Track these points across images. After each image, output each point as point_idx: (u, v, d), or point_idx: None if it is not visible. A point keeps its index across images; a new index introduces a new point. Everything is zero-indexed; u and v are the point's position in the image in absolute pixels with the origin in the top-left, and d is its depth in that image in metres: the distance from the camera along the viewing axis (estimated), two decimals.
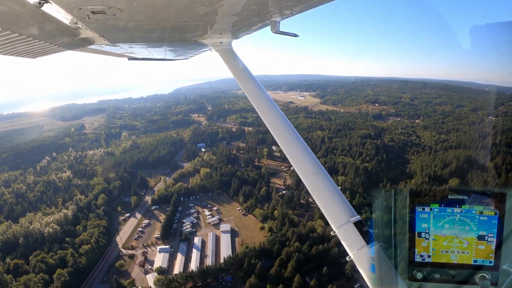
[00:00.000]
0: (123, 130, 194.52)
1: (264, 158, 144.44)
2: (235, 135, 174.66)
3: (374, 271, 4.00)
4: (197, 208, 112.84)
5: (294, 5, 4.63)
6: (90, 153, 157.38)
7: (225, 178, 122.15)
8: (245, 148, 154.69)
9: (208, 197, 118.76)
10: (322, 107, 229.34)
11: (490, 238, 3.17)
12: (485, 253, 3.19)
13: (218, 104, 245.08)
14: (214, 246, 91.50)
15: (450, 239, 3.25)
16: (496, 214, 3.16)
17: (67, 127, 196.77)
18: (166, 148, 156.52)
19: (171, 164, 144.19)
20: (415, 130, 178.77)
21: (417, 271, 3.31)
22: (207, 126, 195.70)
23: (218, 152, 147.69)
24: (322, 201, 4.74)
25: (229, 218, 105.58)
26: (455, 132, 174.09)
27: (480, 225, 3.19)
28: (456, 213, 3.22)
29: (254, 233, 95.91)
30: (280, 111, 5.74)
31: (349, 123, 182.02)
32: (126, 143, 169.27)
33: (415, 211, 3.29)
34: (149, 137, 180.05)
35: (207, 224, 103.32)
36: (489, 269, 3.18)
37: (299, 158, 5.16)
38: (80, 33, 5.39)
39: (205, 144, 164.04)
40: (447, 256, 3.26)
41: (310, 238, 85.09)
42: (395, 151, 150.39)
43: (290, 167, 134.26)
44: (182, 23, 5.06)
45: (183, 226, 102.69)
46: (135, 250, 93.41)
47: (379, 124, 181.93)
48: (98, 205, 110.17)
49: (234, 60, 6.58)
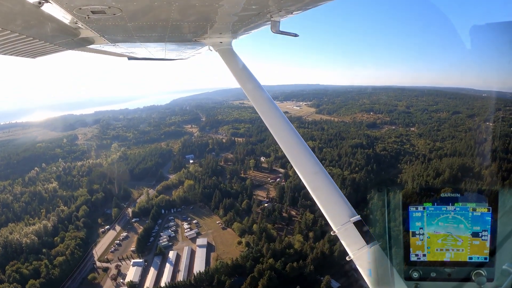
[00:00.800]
0: (115, 141, 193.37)
1: (250, 170, 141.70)
2: (225, 146, 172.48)
3: (374, 270, 3.95)
4: (176, 221, 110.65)
5: (294, 5, 4.65)
6: (78, 164, 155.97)
7: (207, 191, 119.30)
8: (233, 159, 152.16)
9: (189, 210, 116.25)
10: (317, 117, 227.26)
11: (484, 235, 3.22)
12: (480, 250, 3.24)
13: (212, 115, 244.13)
14: (188, 261, 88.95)
15: (444, 237, 3.27)
16: (489, 211, 3.21)
17: (59, 138, 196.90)
18: (153, 159, 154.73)
19: (157, 176, 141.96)
20: (409, 139, 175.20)
21: (413, 270, 3.33)
22: (198, 137, 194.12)
23: (205, 163, 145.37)
24: (322, 201, 4.70)
25: (207, 232, 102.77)
26: (451, 139, 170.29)
27: (473, 222, 3.23)
28: (450, 211, 3.26)
29: (231, 248, 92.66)
30: (280, 111, 5.70)
31: (341, 132, 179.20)
32: (115, 155, 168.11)
33: (409, 210, 3.32)
34: (140, 148, 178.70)
35: (184, 238, 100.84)
36: (485, 265, 3.22)
37: (299, 158, 5.16)
38: (80, 33, 5.37)
39: (194, 156, 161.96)
40: (442, 254, 3.28)
41: (286, 254, 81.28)
42: (387, 160, 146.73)
43: (276, 179, 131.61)
44: (182, 23, 5.07)
45: (160, 239, 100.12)
46: (110, 263, 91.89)
47: (373, 133, 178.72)
48: (79, 216, 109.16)
49: (234, 60, 6.52)
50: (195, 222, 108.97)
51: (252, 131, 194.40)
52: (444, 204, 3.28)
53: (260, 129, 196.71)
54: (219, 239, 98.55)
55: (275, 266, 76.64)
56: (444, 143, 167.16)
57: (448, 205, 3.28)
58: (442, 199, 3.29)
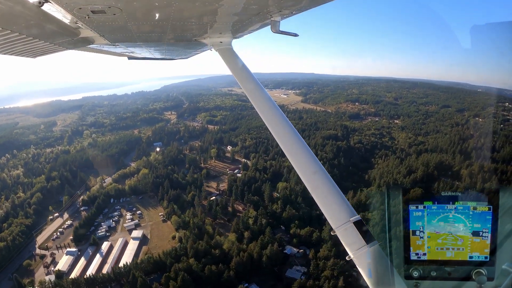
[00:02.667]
0: (92, 128, 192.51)
1: (212, 159, 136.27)
2: (195, 134, 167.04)
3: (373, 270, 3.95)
4: (122, 211, 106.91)
5: (294, 5, 4.62)
6: (47, 151, 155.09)
7: (159, 180, 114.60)
8: (197, 148, 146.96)
9: (138, 200, 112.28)
10: (301, 105, 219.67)
11: (484, 234, 3.19)
12: (480, 249, 3.22)
13: (195, 102, 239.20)
14: (118, 254, 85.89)
15: (445, 236, 3.25)
16: (489, 210, 3.19)
17: (38, 124, 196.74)
18: (119, 147, 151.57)
19: (118, 163, 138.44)
20: (390, 131, 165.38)
21: (414, 269, 3.32)
22: (173, 125, 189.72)
23: (166, 152, 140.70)
24: (322, 200, 4.68)
25: (147, 224, 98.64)
26: (435, 134, 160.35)
27: (474, 221, 3.21)
28: (450, 210, 3.24)
29: (164, 242, 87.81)
30: (280, 111, 5.67)
31: (318, 122, 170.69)
32: (85, 141, 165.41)
33: (409, 209, 3.30)
34: (114, 135, 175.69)
35: (123, 229, 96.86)
36: (485, 264, 3.20)
37: (298, 158, 5.13)
38: (80, 32, 5.34)
39: (162, 143, 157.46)
40: (442, 253, 3.27)
41: (210, 255, 74.88)
42: (361, 154, 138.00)
43: (234, 170, 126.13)
44: (182, 22, 5.05)
45: (99, 229, 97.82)
46: (48, 251, 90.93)
47: (352, 124, 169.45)
48: (31, 203, 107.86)
49: (234, 59, 6.55)
50: (139, 213, 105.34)
51: (227, 119, 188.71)
52: (444, 203, 3.21)
53: (237, 117, 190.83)
54: (156, 232, 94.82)
55: (192, 267, 70.68)
56: (427, 137, 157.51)
57: (449, 204, 3.21)
58: (442, 198, 3.22)
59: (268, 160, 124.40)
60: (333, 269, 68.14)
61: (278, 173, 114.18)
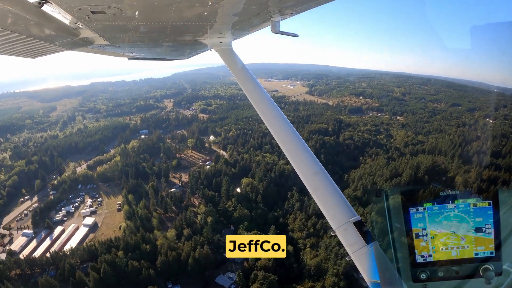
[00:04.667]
0: (89, 113, 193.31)
1: (189, 150, 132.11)
2: (184, 123, 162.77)
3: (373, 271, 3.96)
4: (85, 198, 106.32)
5: (294, 5, 4.63)
6: (38, 136, 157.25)
7: (127, 169, 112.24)
8: (178, 137, 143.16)
9: (104, 187, 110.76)
10: (305, 97, 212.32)
11: (487, 229, 3.20)
12: (485, 245, 3.23)
13: (197, 90, 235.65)
14: (66, 239, 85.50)
15: (448, 236, 3.26)
16: (490, 205, 3.19)
17: (37, 109, 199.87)
18: (104, 133, 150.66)
19: (98, 150, 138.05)
20: (388, 128, 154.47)
21: (421, 272, 3.31)
22: (167, 112, 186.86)
23: (146, 140, 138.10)
24: (322, 201, 4.68)
25: (103, 212, 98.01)
26: (437, 133, 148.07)
27: (476, 217, 3.22)
28: (451, 209, 3.24)
29: (111, 231, 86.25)
30: (280, 111, 5.70)
31: (312, 115, 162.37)
32: (76, 127, 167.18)
33: (409, 212, 3.29)
34: (106, 121, 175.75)
35: (80, 215, 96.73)
36: (491, 259, 3.21)
37: (299, 158, 5.13)
38: (80, 33, 5.37)
39: (148, 131, 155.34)
40: (448, 253, 3.27)
41: (139, 250, 72.35)
42: (349, 151, 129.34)
43: (206, 162, 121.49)
44: (182, 23, 5.05)
45: (58, 214, 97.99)
46: (9, 231, 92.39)
47: (348, 119, 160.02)
48: (6, 185, 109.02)
49: (234, 60, 6.59)
50: (100, 200, 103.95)
51: (221, 109, 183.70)
52: (444, 202, 3.23)
53: (231, 107, 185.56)
54: (108, 220, 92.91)
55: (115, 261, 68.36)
56: (428, 137, 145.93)
57: (449, 203, 3.22)
58: (442, 197, 3.24)
59: (241, 153, 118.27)
60: (262, 283, 61.95)
61: (248, 167, 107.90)
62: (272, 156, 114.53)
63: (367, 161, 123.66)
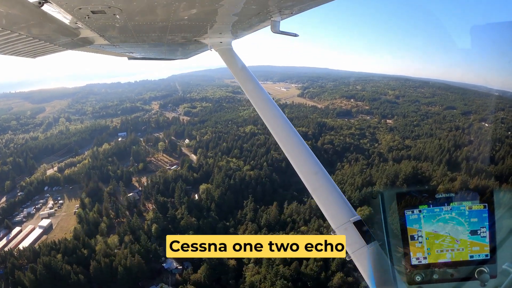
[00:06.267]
0: (75, 115, 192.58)
1: (160, 153, 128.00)
2: (163, 125, 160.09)
3: (373, 270, 3.96)
4: (48, 200, 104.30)
5: (294, 5, 4.61)
6: (20, 137, 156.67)
7: (92, 171, 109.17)
8: (152, 140, 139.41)
9: (68, 190, 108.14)
10: (296, 99, 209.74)
11: (482, 232, 3.19)
12: (480, 247, 3.21)
13: (188, 92, 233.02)
14: (20, 239, 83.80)
15: (443, 238, 3.25)
16: (485, 208, 3.19)
17: (25, 110, 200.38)
18: (82, 136, 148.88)
19: (72, 152, 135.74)
20: (375, 132, 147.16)
21: (416, 274, 3.29)
22: (150, 115, 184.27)
23: (119, 143, 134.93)
24: (322, 201, 4.66)
25: (61, 214, 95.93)
26: (427, 137, 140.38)
27: (471, 220, 3.20)
28: (446, 211, 3.23)
29: (62, 234, 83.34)
30: (280, 111, 5.65)
31: (296, 118, 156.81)
32: (58, 129, 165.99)
33: (405, 214, 3.28)
34: (89, 123, 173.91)
35: (39, 217, 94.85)
36: (486, 262, 3.20)
37: (299, 158, 5.08)
38: (80, 33, 5.33)
39: (126, 134, 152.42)
40: (443, 255, 3.26)
41: (76, 254, 69.87)
42: (327, 157, 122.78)
43: (172, 166, 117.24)
44: (182, 23, 5.02)
45: (19, 214, 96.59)
46: None
47: (333, 122, 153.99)
48: None
49: (234, 60, 6.55)
50: (61, 202, 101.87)
51: (204, 111, 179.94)
52: (440, 205, 3.21)
53: (215, 110, 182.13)
54: (63, 223, 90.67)
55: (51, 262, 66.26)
56: (416, 141, 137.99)
57: (444, 206, 3.21)
58: (437, 200, 3.22)
59: (209, 157, 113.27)
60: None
61: (211, 172, 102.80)
62: (238, 161, 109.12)
63: (345, 167, 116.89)
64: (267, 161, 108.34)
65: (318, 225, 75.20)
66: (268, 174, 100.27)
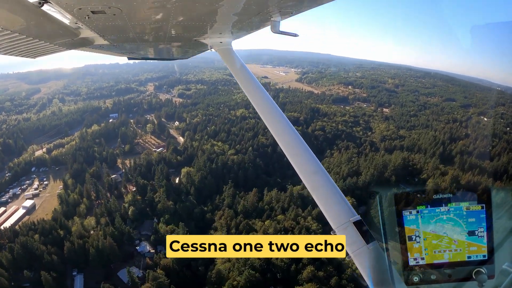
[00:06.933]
0: (70, 96, 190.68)
1: (148, 135, 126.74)
2: (156, 107, 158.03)
3: (373, 270, 3.93)
4: (34, 180, 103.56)
5: (294, 5, 4.60)
6: (13, 118, 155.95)
7: (79, 153, 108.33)
8: (142, 121, 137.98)
9: (54, 170, 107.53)
10: (294, 84, 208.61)
11: (480, 233, 3.19)
12: (477, 248, 3.21)
13: (185, 74, 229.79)
14: (3, 219, 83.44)
15: (441, 239, 3.25)
16: (483, 208, 3.18)
17: (21, 91, 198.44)
18: (73, 117, 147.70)
19: (62, 133, 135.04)
20: (369, 120, 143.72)
21: (413, 274, 3.29)
22: (145, 96, 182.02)
23: (109, 124, 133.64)
24: (322, 200, 4.63)
25: (45, 195, 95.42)
26: (423, 128, 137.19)
27: (468, 221, 3.20)
28: (444, 212, 3.23)
29: (44, 214, 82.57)
30: (280, 111, 5.66)
31: (289, 103, 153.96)
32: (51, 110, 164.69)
33: (402, 215, 3.28)
34: (84, 104, 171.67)
35: (24, 197, 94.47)
36: (484, 263, 3.19)
37: (299, 158, 5.07)
38: (80, 33, 5.32)
39: (118, 115, 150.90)
40: (440, 256, 3.25)
41: (51, 235, 69.41)
42: (316, 143, 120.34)
43: (158, 148, 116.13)
44: (182, 23, 5.02)
45: (5, 195, 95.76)
46: None
47: (327, 108, 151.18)
48: None
49: (234, 59, 6.52)
50: (46, 183, 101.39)
51: (198, 93, 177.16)
52: (437, 205, 3.20)
53: (210, 92, 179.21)
54: (46, 204, 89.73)
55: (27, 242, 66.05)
56: (411, 132, 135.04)
57: (442, 206, 3.20)
58: (435, 200, 3.21)
59: (196, 140, 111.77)
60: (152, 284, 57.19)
61: (195, 155, 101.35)
62: (223, 145, 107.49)
63: (334, 155, 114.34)
64: (252, 145, 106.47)
65: (295, 214, 73.93)
66: (252, 159, 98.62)
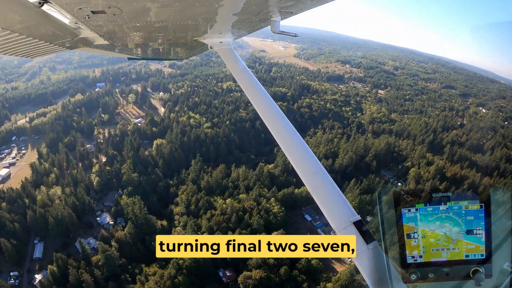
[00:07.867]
0: (62, 65, 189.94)
1: (130, 105, 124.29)
2: (144, 77, 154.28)
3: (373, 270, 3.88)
4: (13, 149, 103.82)
5: (294, 5, 4.59)
6: (1, 87, 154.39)
7: (58, 122, 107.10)
8: (126, 91, 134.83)
9: (34, 139, 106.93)
10: (291, 60, 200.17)
11: (479, 232, 3.18)
12: (475, 247, 3.20)
13: None
14: None
15: (439, 237, 3.24)
16: (482, 208, 3.18)
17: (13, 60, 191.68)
18: (59, 85, 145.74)
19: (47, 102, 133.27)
20: (361, 101, 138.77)
21: (411, 272, 3.28)
22: (136, 65, 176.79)
23: (93, 94, 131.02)
24: (322, 201, 4.57)
25: (21, 164, 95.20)
26: (416, 114, 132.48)
27: (467, 220, 3.20)
28: (442, 210, 3.22)
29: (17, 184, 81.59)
30: (280, 111, 5.65)
31: (280, 78, 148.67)
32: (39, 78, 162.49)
33: (401, 212, 3.27)
34: (74, 72, 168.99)
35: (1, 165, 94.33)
36: (482, 262, 3.18)
37: (298, 158, 5.04)
38: (80, 33, 5.30)
39: (105, 84, 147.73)
40: (438, 254, 3.24)
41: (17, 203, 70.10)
42: (300, 121, 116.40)
43: (137, 119, 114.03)
44: (182, 23, 5.02)
45: None
46: None
47: (318, 86, 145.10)
48: None
49: (234, 59, 6.52)
50: (24, 152, 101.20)
51: (191, 64, 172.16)
52: (436, 204, 3.19)
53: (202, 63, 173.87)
54: (21, 173, 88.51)
55: None
56: (403, 116, 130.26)
57: (441, 205, 3.19)
58: (434, 199, 3.21)
59: (174, 111, 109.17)
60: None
61: (170, 127, 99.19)
62: (200, 118, 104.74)
63: (317, 134, 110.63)
64: (230, 119, 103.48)
65: (258, 194, 72.18)
66: (227, 134, 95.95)
